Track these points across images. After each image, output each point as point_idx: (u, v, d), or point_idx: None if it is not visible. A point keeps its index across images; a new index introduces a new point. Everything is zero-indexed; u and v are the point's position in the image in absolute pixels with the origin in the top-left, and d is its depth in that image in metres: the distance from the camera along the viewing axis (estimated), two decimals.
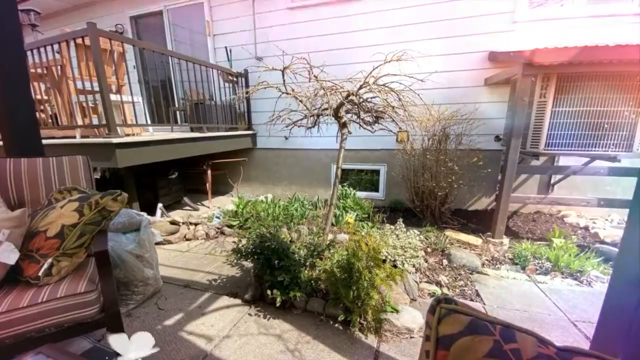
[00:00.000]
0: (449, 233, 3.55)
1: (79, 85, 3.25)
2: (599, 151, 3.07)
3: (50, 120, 3.69)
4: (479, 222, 3.98)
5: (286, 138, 4.95)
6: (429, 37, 4.19)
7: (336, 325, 2.06)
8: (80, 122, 3.44)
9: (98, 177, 4.74)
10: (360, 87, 2.34)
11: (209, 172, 4.84)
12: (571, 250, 2.91)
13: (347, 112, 2.58)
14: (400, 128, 2.69)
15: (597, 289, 2.51)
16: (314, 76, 2.40)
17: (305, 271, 2.31)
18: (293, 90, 2.47)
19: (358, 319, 1.97)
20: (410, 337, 1.95)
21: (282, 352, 1.84)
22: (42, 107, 3.79)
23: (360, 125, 2.65)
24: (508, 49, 3.80)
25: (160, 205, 4.27)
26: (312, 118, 2.57)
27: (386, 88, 2.33)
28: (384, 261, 2.47)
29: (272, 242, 2.30)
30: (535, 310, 2.24)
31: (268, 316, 2.17)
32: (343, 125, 2.57)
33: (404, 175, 4.18)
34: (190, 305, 2.33)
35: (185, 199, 4.93)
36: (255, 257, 2.33)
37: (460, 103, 4.09)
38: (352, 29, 4.52)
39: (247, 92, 2.93)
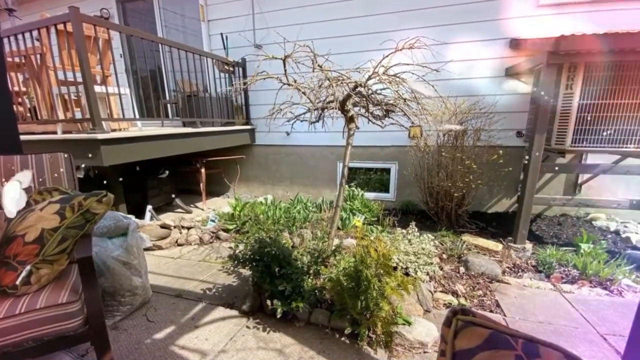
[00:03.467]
0: (466, 238, 3.55)
1: (61, 75, 3.27)
2: (632, 148, 3.05)
3: (28, 114, 3.72)
4: (499, 226, 3.97)
5: (288, 134, 4.98)
6: (444, 22, 4.18)
7: (342, 338, 2.07)
8: (61, 116, 3.45)
9: (81, 176, 4.76)
10: (369, 78, 2.33)
11: (203, 170, 4.85)
12: (600, 257, 2.90)
13: (354, 105, 2.58)
14: (412, 123, 2.68)
15: (629, 299, 2.50)
16: (318, 65, 2.40)
17: (309, 280, 2.31)
18: (295, 81, 2.47)
19: (366, 332, 1.97)
20: (424, 352, 1.95)
21: None
22: (19, 100, 3.81)
23: (369, 120, 2.65)
24: (531, 35, 3.79)
25: (149, 207, 4.30)
26: (316, 112, 2.58)
27: (397, 79, 2.33)
28: (395, 269, 2.47)
29: (272, 247, 2.31)
30: (560, 323, 2.24)
31: (268, 329, 2.18)
32: (350, 120, 2.57)
33: (417, 175, 4.18)
34: (182, 316, 2.35)
35: (177, 201, 4.95)
36: (254, 264, 2.34)
37: (478, 95, 4.08)
38: (361, 13, 4.51)
39: (244, 83, 2.94)
